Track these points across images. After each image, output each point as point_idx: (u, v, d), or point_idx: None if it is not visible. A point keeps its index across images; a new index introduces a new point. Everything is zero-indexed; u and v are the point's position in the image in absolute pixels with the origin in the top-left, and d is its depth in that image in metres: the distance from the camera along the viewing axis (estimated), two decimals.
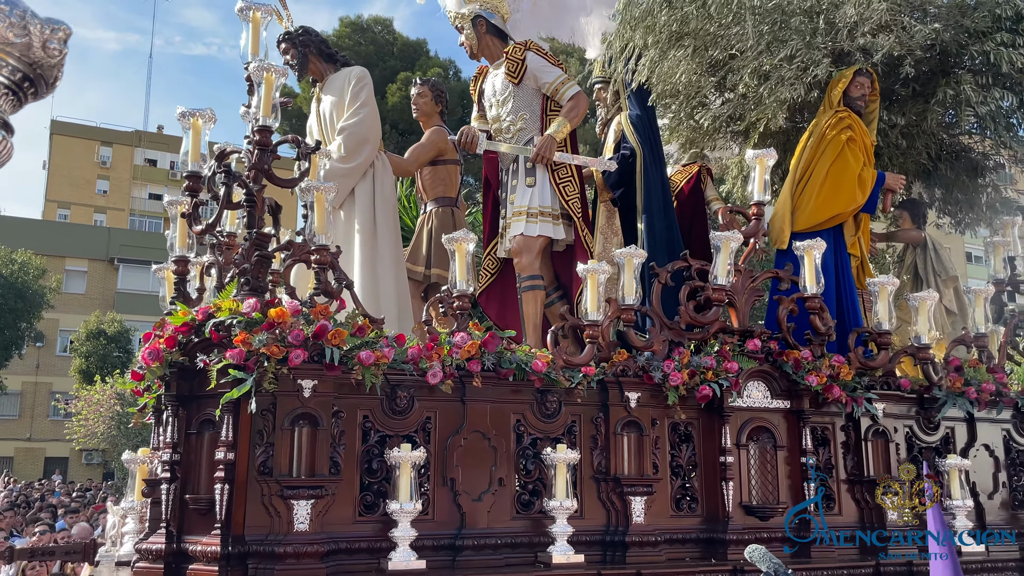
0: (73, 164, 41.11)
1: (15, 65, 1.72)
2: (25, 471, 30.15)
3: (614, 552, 4.01)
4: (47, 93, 1.83)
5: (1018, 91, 5.35)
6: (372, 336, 3.71)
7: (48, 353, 33.25)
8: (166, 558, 3.52)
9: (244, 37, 3.91)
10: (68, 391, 25.28)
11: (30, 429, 33.30)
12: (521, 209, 4.81)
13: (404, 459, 3.56)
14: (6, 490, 15.50)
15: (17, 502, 11.64)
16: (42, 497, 13.62)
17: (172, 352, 3.61)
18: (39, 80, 1.78)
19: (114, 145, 42.54)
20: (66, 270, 33.75)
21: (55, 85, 1.83)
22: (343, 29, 22.54)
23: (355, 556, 3.58)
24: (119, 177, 42.19)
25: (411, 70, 21.35)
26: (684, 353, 4.28)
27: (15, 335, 24.74)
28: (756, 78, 5.28)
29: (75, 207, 41.00)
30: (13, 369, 27.85)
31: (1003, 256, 5.76)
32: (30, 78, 1.75)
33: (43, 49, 1.73)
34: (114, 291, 34.81)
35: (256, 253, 3.75)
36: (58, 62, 1.76)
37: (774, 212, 5.45)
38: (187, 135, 3.80)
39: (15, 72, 1.73)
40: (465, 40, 5.09)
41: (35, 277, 25.71)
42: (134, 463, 4.25)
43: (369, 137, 4.89)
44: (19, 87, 1.75)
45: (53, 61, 1.75)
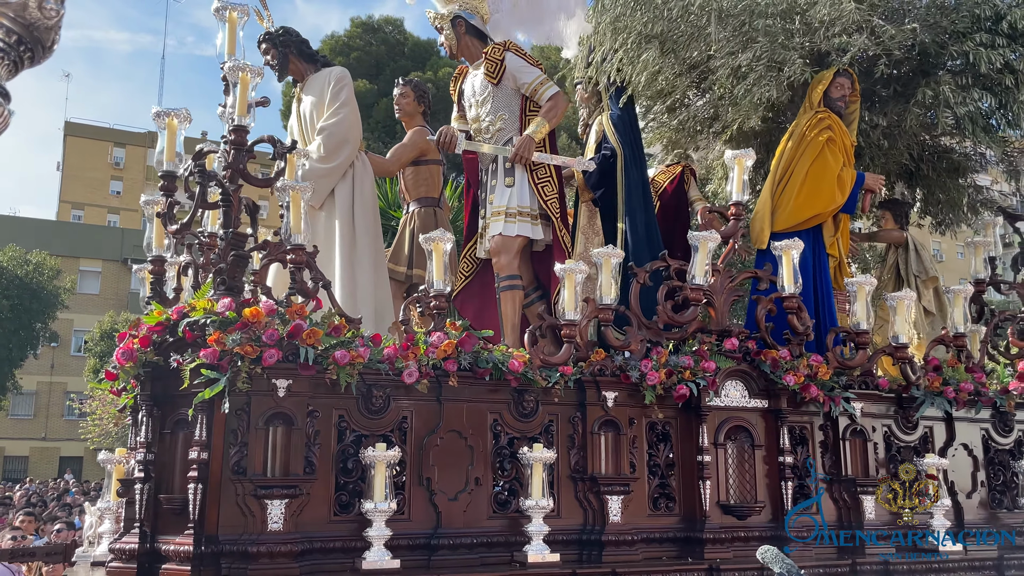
0: (87, 165, 41.43)
1: (9, 27, 1.66)
2: (40, 470, 30.48)
3: (590, 551, 4.01)
4: (44, 57, 1.76)
5: (997, 92, 5.36)
6: (348, 336, 3.71)
7: (63, 353, 33.48)
8: (139, 558, 3.52)
9: (220, 37, 3.92)
10: (83, 391, 25.45)
11: (45, 429, 33.54)
12: (500, 209, 4.82)
13: (379, 458, 3.57)
14: (22, 490, 15.56)
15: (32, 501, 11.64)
16: (58, 496, 13.69)
17: (146, 352, 3.61)
18: (36, 44, 1.71)
19: (127, 146, 42.96)
20: (80, 271, 34.07)
21: (52, 49, 1.77)
22: (354, 29, 22.47)
23: (330, 556, 3.59)
24: (132, 178, 42.49)
25: (422, 70, 21.34)
26: (662, 353, 4.29)
27: (30, 335, 24.84)
28: (732, 79, 5.29)
29: (89, 208, 41.38)
30: (28, 369, 28.00)
31: (983, 256, 5.79)
32: (26, 41, 1.69)
33: (39, 9, 1.67)
34: (128, 291, 34.93)
35: (232, 253, 3.75)
36: (55, 23, 1.70)
37: (754, 212, 5.47)
38: (162, 135, 3.80)
39: (10, 34, 1.67)
40: (445, 40, 5.09)
41: (49, 278, 25.83)
42: (110, 463, 4.24)
43: (349, 137, 4.90)
44: (15, 50, 1.69)
45: (50, 22, 1.69)
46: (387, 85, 5.31)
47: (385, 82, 19.55)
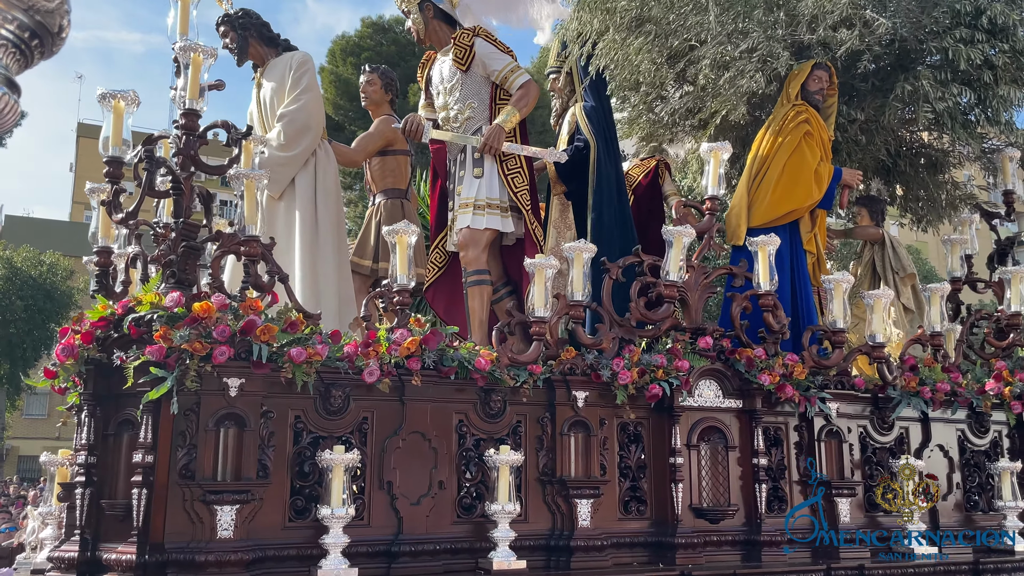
0: (99, 166, 39.87)
1: (21, 19, 1.69)
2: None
3: (559, 557, 3.87)
4: (54, 46, 1.79)
5: (976, 87, 5.28)
6: (306, 332, 3.53)
7: None
8: (79, 567, 3.32)
9: (172, 16, 3.71)
10: None
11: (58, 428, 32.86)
12: (468, 201, 4.64)
13: (336, 462, 3.39)
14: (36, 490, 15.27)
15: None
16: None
17: (89, 348, 3.40)
18: (44, 33, 1.74)
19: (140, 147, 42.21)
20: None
21: (62, 36, 1.78)
22: (364, 29, 22.10)
23: (284, 564, 3.41)
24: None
25: None
26: (634, 351, 4.15)
27: (44, 336, 24.44)
28: (716, 69, 5.16)
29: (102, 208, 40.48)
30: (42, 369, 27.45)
31: (959, 254, 5.71)
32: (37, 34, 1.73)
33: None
34: None
35: (183, 244, 3.55)
36: (58, 6, 1.73)
37: (730, 207, 5.34)
38: (107, 118, 3.59)
39: (23, 28, 1.71)
40: (412, 25, 4.89)
41: (63, 278, 25.50)
42: (52, 465, 4.02)
43: (311, 124, 4.69)
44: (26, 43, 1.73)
45: (51, 5, 1.72)
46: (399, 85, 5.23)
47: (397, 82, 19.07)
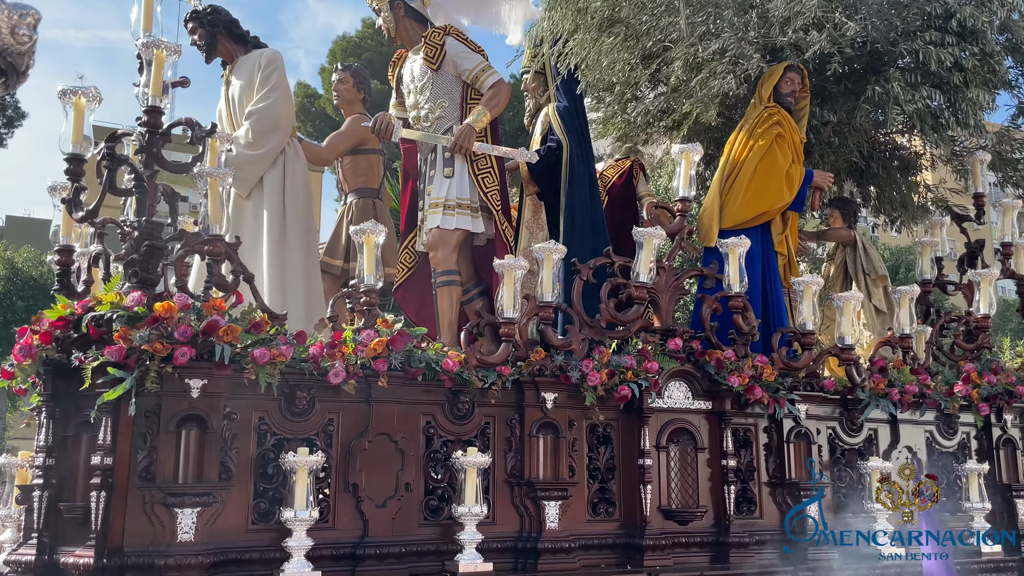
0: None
1: None
2: None
3: (526, 559, 3.85)
4: (18, 83, 1.81)
5: (946, 89, 5.30)
6: (270, 333, 3.49)
7: None
8: (36, 571, 3.27)
9: (135, 11, 3.66)
10: None
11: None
12: (438, 201, 4.61)
13: (300, 464, 3.35)
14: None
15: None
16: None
17: (47, 348, 3.35)
18: (9, 69, 1.76)
19: None
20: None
21: (27, 74, 1.79)
22: (365, 31, 21.92)
23: (246, 567, 3.37)
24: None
25: None
26: (604, 352, 4.14)
27: None
28: (687, 70, 5.16)
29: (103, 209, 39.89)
30: None
31: (930, 256, 5.75)
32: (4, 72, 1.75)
33: (12, 35, 1.71)
34: None
35: (145, 243, 3.50)
36: (28, 49, 1.74)
37: (703, 209, 5.35)
38: (68, 115, 3.53)
39: None
40: (383, 23, 4.86)
41: None
42: (11, 467, 3.95)
43: (279, 122, 4.64)
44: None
45: (23, 48, 1.73)
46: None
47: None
